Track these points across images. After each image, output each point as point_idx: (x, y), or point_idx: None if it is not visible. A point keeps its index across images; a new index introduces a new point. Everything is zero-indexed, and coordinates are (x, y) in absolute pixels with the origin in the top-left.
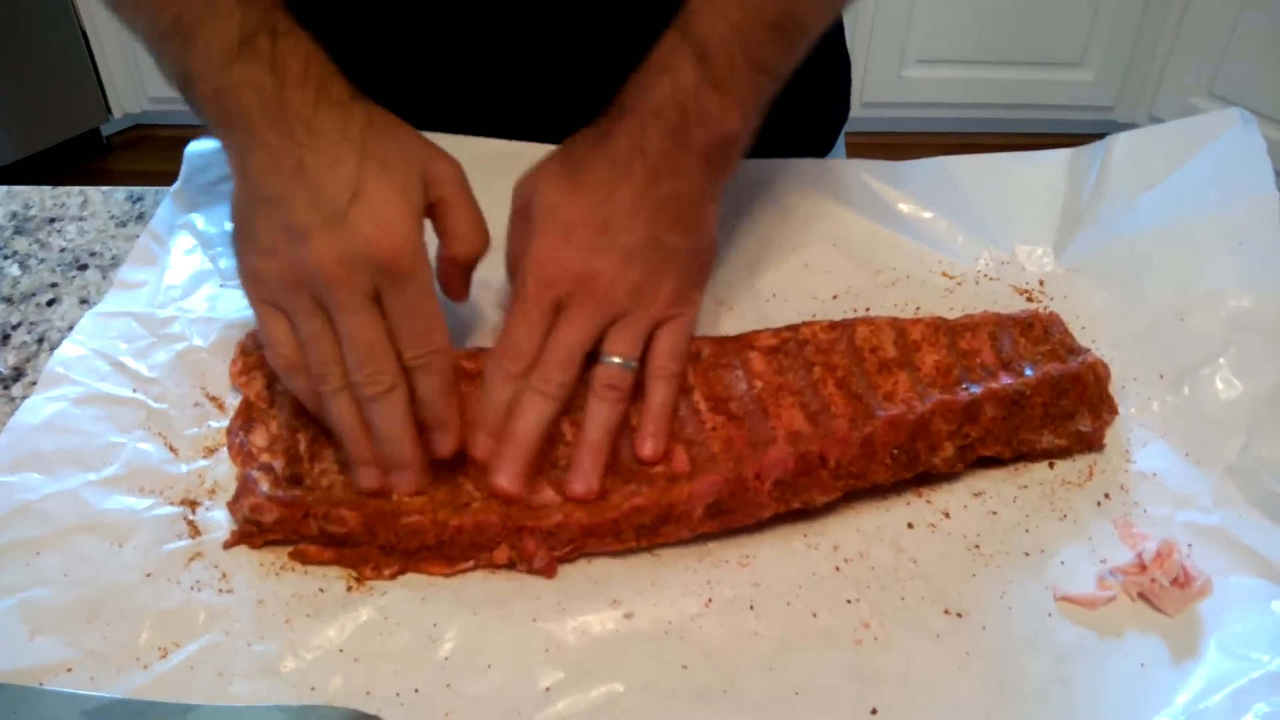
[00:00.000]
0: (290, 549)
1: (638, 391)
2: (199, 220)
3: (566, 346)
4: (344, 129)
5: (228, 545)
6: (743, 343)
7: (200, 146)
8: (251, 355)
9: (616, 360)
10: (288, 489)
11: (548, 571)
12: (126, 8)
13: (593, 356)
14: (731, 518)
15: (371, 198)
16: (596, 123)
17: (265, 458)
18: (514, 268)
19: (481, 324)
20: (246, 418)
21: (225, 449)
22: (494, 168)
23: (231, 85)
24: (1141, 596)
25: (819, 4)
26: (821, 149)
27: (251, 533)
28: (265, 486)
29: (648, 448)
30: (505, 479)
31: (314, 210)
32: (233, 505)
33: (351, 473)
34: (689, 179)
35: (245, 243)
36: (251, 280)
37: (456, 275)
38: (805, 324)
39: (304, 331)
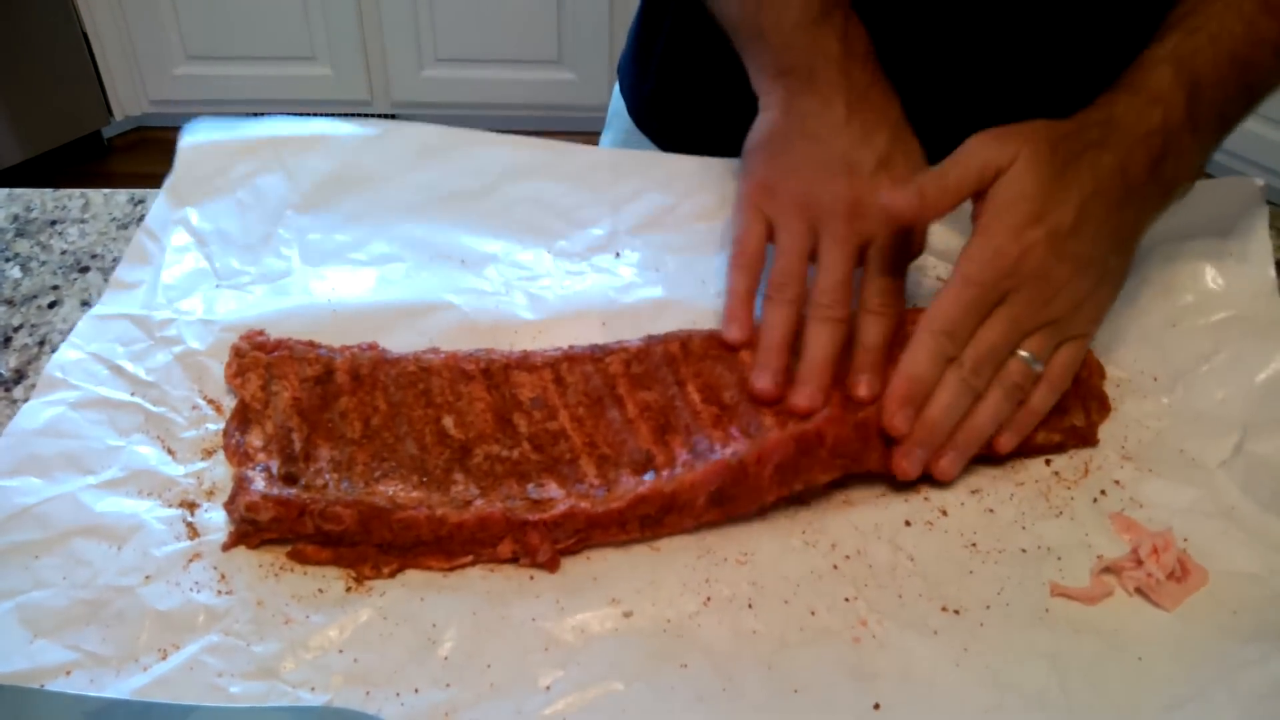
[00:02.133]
0: (288, 549)
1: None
2: (194, 216)
3: (999, 343)
4: (885, 110)
5: (226, 547)
6: None
7: (194, 137)
8: (246, 357)
9: (1027, 355)
10: (284, 488)
11: (551, 565)
12: None
13: None
14: (735, 505)
15: (897, 166)
16: (1082, 124)
17: (261, 457)
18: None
19: None
20: (242, 419)
21: (222, 452)
22: None
23: (805, 43)
24: (1138, 591)
25: (1276, 69)
26: None
27: (248, 532)
28: (261, 485)
29: (1007, 442)
30: (910, 463)
31: (849, 159)
32: (229, 505)
33: (753, 373)
34: (1148, 208)
35: (769, 161)
36: (761, 190)
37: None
38: None
39: (786, 243)
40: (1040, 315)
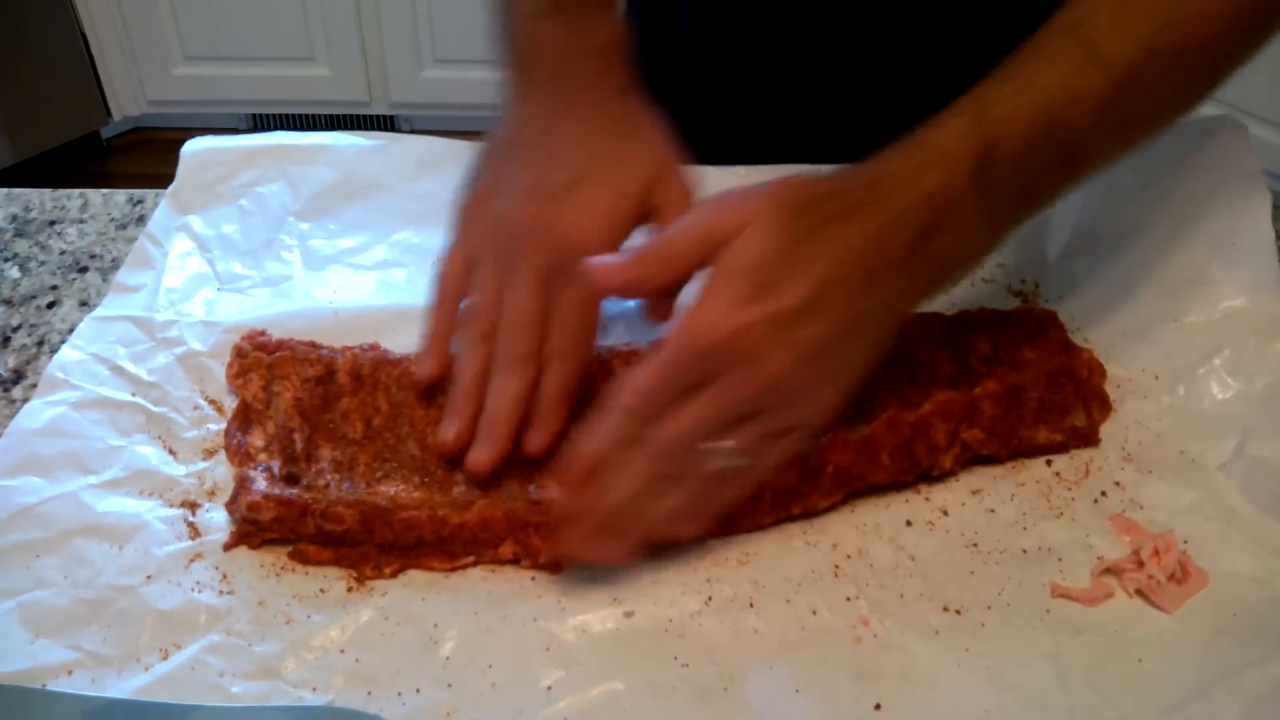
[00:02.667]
0: (290, 549)
1: None
2: (196, 222)
3: (692, 432)
4: (596, 118)
5: (228, 547)
6: None
7: (196, 146)
8: (248, 357)
9: (729, 447)
10: (285, 488)
11: (553, 567)
12: None
13: None
14: (733, 523)
15: (589, 190)
16: (842, 186)
17: (263, 458)
18: (669, 299)
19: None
20: (244, 419)
21: (223, 452)
22: None
23: (532, 33)
24: (1139, 593)
25: (1111, 147)
26: None
27: (250, 532)
28: (262, 485)
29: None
30: (577, 545)
31: (538, 179)
32: (230, 505)
33: (443, 422)
34: (910, 290)
35: (481, 177)
36: (465, 212)
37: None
38: None
39: (478, 276)
40: (746, 405)
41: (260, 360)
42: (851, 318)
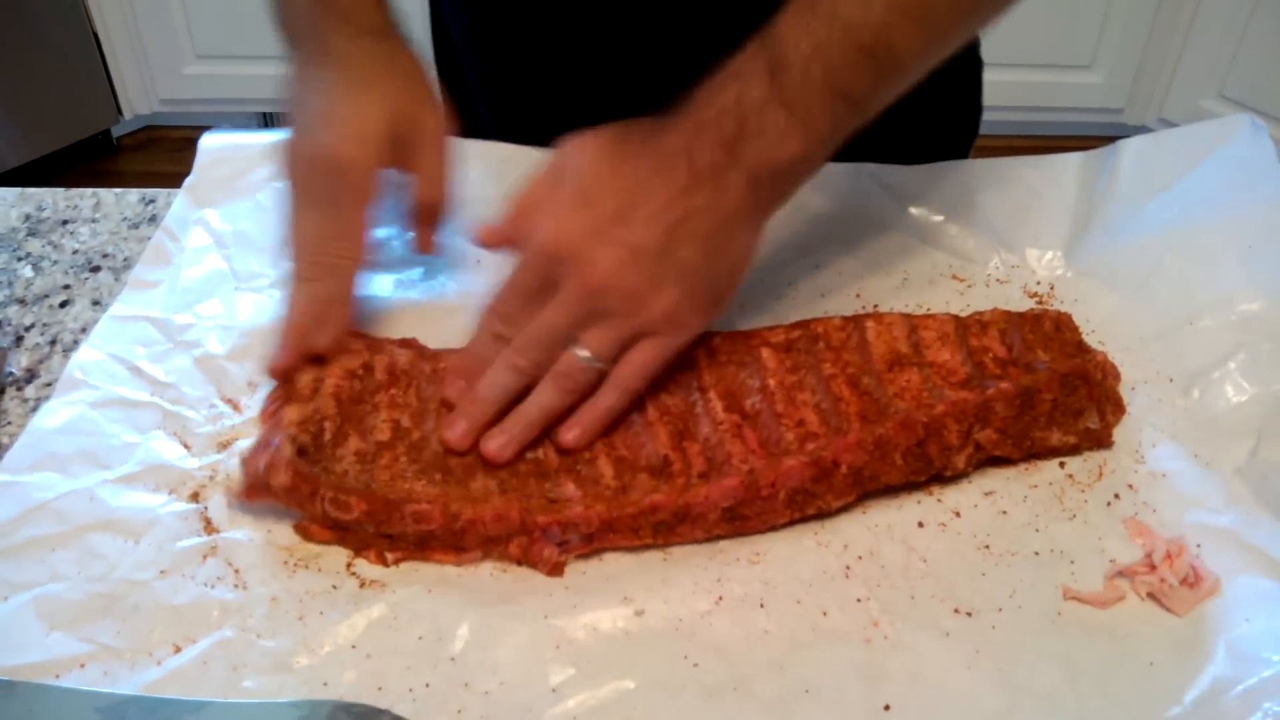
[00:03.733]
0: (294, 524)
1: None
2: (213, 217)
3: (548, 328)
4: (354, 52)
5: (237, 495)
6: (755, 339)
7: (214, 140)
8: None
9: (585, 354)
10: (304, 463)
11: (556, 571)
12: None
13: None
14: (746, 524)
15: (339, 112)
16: (657, 118)
17: (292, 430)
18: (524, 220)
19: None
20: (286, 398)
21: (239, 443)
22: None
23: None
24: (1151, 596)
25: (920, 36)
26: (954, 155)
27: (258, 489)
28: (285, 451)
29: (570, 436)
30: (454, 433)
31: (303, 117)
32: (247, 459)
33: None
34: (727, 197)
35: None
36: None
37: (421, 223)
38: (817, 320)
39: (293, 218)
40: (589, 304)
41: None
42: (674, 220)
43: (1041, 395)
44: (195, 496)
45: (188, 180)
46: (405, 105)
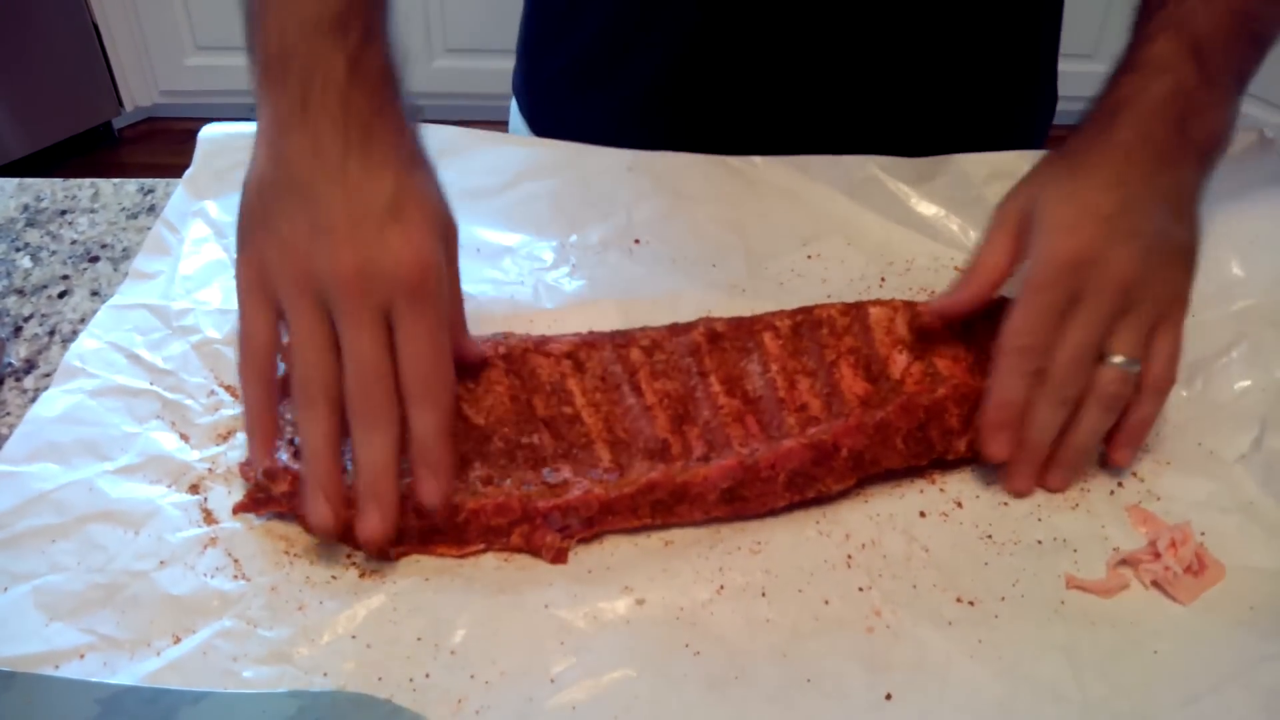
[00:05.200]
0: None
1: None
2: (212, 208)
3: (1083, 347)
4: (397, 146)
5: (236, 510)
6: (759, 323)
7: (214, 131)
8: None
9: (1120, 360)
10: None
11: (560, 558)
12: None
13: None
14: (746, 505)
15: (409, 216)
16: (1088, 122)
17: (290, 431)
18: (1020, 240)
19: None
20: (284, 391)
21: (239, 434)
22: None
23: (304, 54)
24: (1155, 584)
25: (1275, 13)
26: (1031, 144)
27: (260, 499)
28: (284, 456)
29: (1124, 455)
30: (1021, 481)
31: (348, 213)
32: (245, 466)
33: (306, 503)
34: (1188, 170)
35: (257, 225)
36: (253, 266)
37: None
38: (820, 306)
39: (300, 333)
40: (1114, 303)
41: None
42: (1159, 199)
43: None
44: (195, 488)
45: (188, 173)
46: (447, 214)
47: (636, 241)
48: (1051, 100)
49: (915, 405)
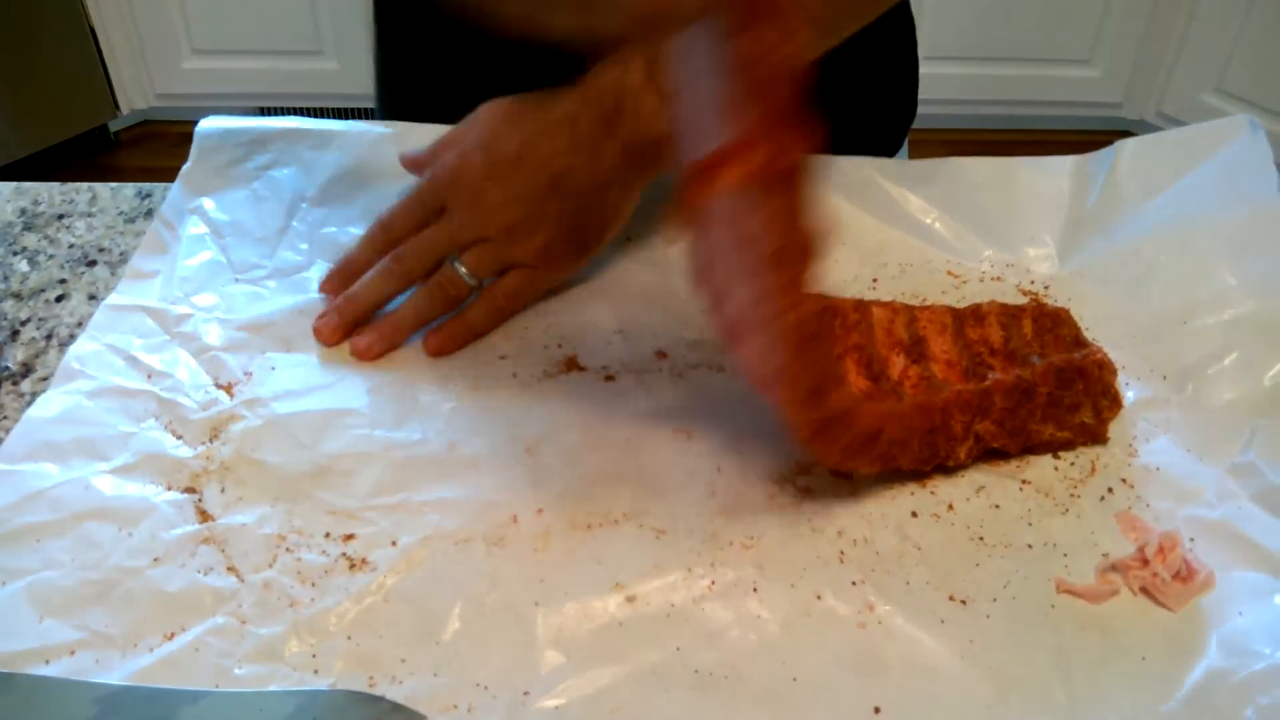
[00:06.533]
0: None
1: None
2: (210, 205)
3: (430, 242)
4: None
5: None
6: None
7: (211, 125)
8: None
9: (462, 270)
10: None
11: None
12: None
13: None
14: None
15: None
16: (558, 87)
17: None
18: (436, 153)
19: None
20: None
21: (231, 429)
22: None
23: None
24: (1144, 590)
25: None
26: (890, 149)
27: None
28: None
29: (434, 342)
30: (322, 322)
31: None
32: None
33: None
34: (602, 164)
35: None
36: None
37: None
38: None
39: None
40: (473, 229)
41: None
42: (555, 173)
43: (1038, 389)
44: (190, 487)
45: (185, 167)
46: None
47: (629, 239)
48: (912, 104)
49: (931, 407)
